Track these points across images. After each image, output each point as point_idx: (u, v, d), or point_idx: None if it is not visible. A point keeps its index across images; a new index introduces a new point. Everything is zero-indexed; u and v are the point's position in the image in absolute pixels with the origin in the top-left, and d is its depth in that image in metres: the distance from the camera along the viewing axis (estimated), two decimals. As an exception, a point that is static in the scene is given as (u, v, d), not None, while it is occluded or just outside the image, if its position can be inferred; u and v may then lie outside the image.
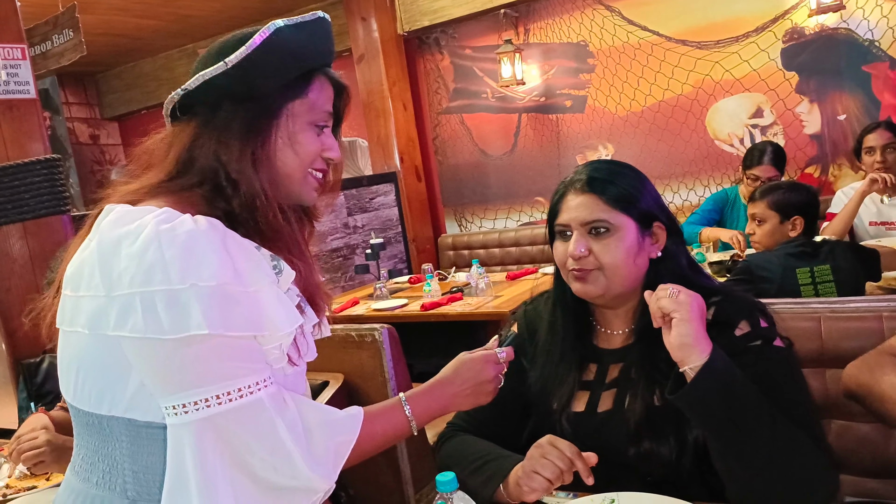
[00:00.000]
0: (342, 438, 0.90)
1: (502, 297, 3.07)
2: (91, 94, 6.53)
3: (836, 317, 1.39)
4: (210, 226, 0.81)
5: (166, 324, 0.76)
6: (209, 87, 0.88)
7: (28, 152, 2.62)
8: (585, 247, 1.13)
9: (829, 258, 2.11)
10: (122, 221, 0.81)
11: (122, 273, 0.77)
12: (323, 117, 0.94)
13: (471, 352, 1.10)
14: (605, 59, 4.30)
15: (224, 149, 0.88)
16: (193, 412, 0.78)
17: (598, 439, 1.12)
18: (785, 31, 3.76)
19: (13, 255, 2.60)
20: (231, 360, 0.80)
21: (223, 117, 0.89)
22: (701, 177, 4.14)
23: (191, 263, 0.77)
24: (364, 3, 4.66)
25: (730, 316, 1.10)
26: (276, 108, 0.90)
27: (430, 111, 5.03)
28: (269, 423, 0.81)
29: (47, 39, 3.41)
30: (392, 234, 4.68)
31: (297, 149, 0.91)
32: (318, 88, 0.93)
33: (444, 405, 1.05)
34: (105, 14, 4.63)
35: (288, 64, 0.89)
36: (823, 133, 3.78)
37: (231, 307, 0.78)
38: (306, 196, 0.95)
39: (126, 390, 0.82)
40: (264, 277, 0.83)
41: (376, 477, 2.01)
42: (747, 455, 0.98)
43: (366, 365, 2.00)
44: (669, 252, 1.16)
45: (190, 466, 0.78)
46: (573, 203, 1.15)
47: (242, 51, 0.86)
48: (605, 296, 1.15)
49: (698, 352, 0.98)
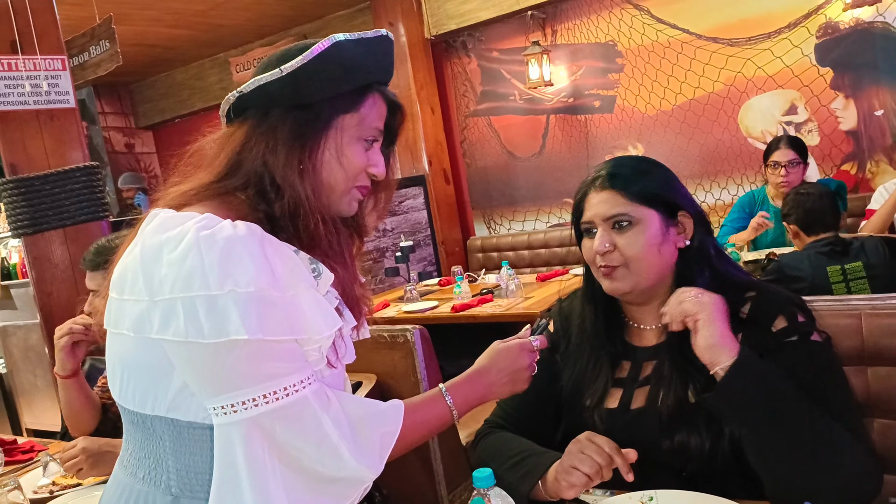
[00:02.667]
0: (386, 429, 0.91)
1: (533, 298, 3.06)
2: (126, 104, 6.68)
3: (878, 313, 1.36)
4: (249, 231, 0.82)
5: (206, 329, 0.77)
6: (263, 93, 0.89)
7: (68, 160, 2.70)
8: (609, 241, 1.13)
9: (860, 255, 2.08)
10: (164, 227, 0.83)
11: (163, 279, 0.79)
12: (372, 133, 0.95)
13: (504, 340, 1.11)
14: (634, 59, 4.27)
15: (272, 154, 0.89)
16: (242, 411, 0.79)
17: (630, 436, 1.11)
18: (819, 27, 3.69)
19: (54, 260, 2.67)
20: (273, 362, 0.81)
21: (274, 123, 0.90)
22: (734, 175, 4.08)
23: (229, 269, 0.78)
24: (391, 8, 4.70)
25: (766, 311, 1.09)
26: (327, 119, 0.90)
27: (457, 114, 5.04)
28: (315, 419, 0.82)
29: (85, 51, 3.51)
30: (421, 237, 4.70)
31: (344, 161, 0.92)
32: (370, 105, 0.94)
33: (483, 394, 1.05)
34: (139, 25, 4.74)
35: (342, 77, 0.90)
36: (860, 129, 3.70)
37: (269, 312, 0.79)
38: (345, 208, 0.95)
39: (168, 391, 0.84)
40: (302, 281, 0.84)
41: (410, 476, 2.02)
42: (785, 451, 0.96)
43: (398, 365, 2.01)
44: (698, 242, 1.16)
45: (241, 463, 0.79)
46: (595, 200, 1.17)
47: (299, 60, 0.87)
48: (634, 291, 1.15)
49: (727, 351, 0.98)
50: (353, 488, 0.87)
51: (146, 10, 4.48)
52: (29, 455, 1.90)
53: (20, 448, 1.96)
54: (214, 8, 4.63)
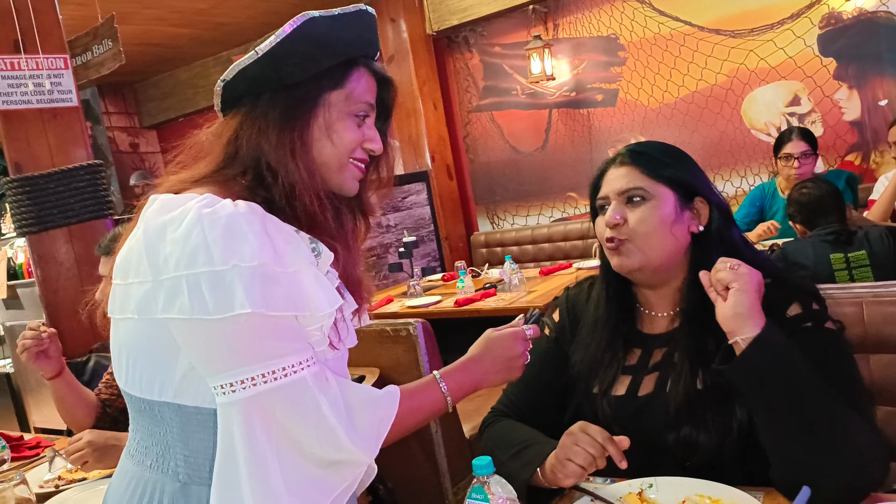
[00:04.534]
0: (382, 414, 0.92)
1: (536, 292, 3.06)
2: (130, 104, 6.70)
3: (880, 301, 1.36)
4: (250, 208, 0.83)
5: (211, 304, 0.78)
6: (247, 78, 0.90)
7: (72, 159, 2.71)
8: (621, 215, 1.13)
9: (864, 244, 2.07)
10: (166, 209, 0.84)
11: (167, 257, 0.80)
12: (362, 108, 0.95)
13: (498, 328, 1.11)
14: (637, 52, 4.26)
15: (264, 138, 0.90)
16: (241, 391, 0.80)
17: (637, 423, 1.11)
18: (822, 17, 3.67)
19: (59, 258, 2.69)
20: (274, 340, 0.82)
21: (263, 108, 0.91)
22: (738, 167, 4.07)
23: (232, 245, 0.79)
24: (393, 4, 4.70)
25: (782, 297, 1.09)
26: (314, 97, 0.91)
27: (460, 109, 5.04)
28: (313, 401, 0.83)
29: (88, 50, 3.51)
30: (425, 233, 4.70)
31: (335, 138, 0.93)
32: (356, 79, 0.94)
33: (477, 381, 1.06)
34: (142, 24, 4.75)
35: (321, 53, 0.91)
36: (864, 120, 3.68)
37: (272, 287, 0.80)
38: (347, 186, 0.96)
39: (175, 375, 0.85)
40: (303, 259, 0.85)
41: (414, 470, 2.03)
42: (798, 430, 0.95)
43: (401, 359, 2.01)
44: (715, 228, 1.15)
45: (239, 443, 0.80)
46: (612, 175, 1.17)
47: (273, 38, 0.89)
48: (643, 269, 1.14)
49: (752, 324, 0.97)
50: (350, 471, 0.87)
51: (149, 10, 4.49)
52: (35, 451, 1.92)
53: (27, 444, 1.98)
54: (216, 6, 4.64)
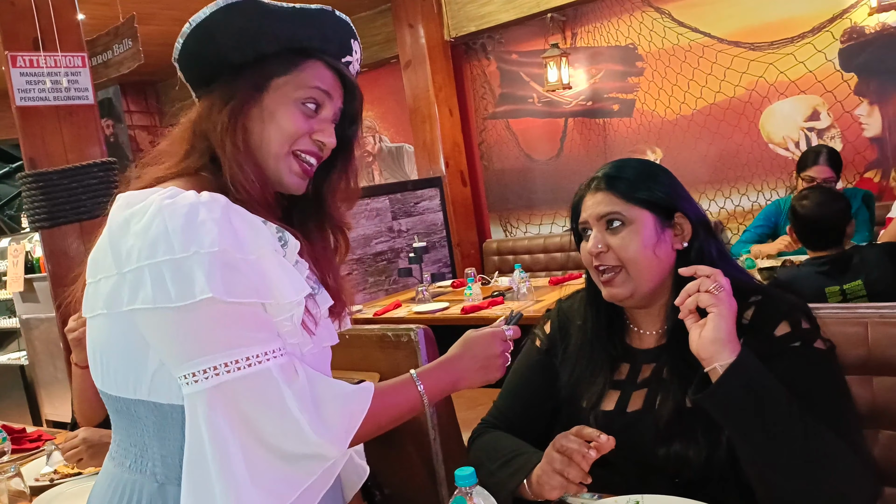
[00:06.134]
0: (354, 408, 0.90)
1: (544, 301, 3.04)
2: (151, 103, 6.79)
3: (885, 322, 1.33)
4: (212, 198, 0.83)
5: (173, 292, 0.78)
6: (191, 56, 0.92)
7: (86, 156, 2.75)
8: (602, 242, 1.13)
9: (861, 270, 1.97)
10: (128, 204, 0.85)
11: (129, 250, 0.80)
12: (311, 95, 0.93)
13: (477, 329, 1.10)
14: (655, 62, 4.23)
15: (210, 121, 0.91)
16: (203, 380, 0.79)
17: (626, 439, 1.10)
18: (843, 31, 3.62)
19: (70, 254, 2.72)
20: (237, 329, 0.81)
21: (214, 91, 0.93)
22: (754, 181, 4.02)
23: (192, 232, 0.79)
24: (411, 10, 4.71)
25: (770, 317, 1.07)
26: (257, 79, 0.92)
27: (476, 116, 5.04)
28: (277, 393, 0.82)
29: (108, 49, 3.56)
30: (436, 239, 4.70)
31: (275, 124, 0.91)
32: (308, 69, 0.94)
33: (455, 380, 1.05)
34: (163, 25, 4.80)
35: (259, 32, 0.91)
36: (884, 136, 3.62)
37: (233, 273, 0.80)
38: (286, 180, 0.94)
39: (147, 371, 0.85)
40: (266, 245, 0.85)
41: (411, 477, 2.02)
42: (777, 459, 0.94)
43: (401, 365, 2.00)
44: (697, 243, 1.14)
45: (205, 434, 0.80)
46: (590, 202, 1.17)
47: (206, 10, 0.89)
48: (634, 296, 1.14)
49: (729, 350, 0.96)
50: (318, 465, 0.86)
51: (170, 10, 4.55)
52: (36, 444, 1.93)
53: (28, 437, 2.00)
54: (237, 8, 4.68)
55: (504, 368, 1.10)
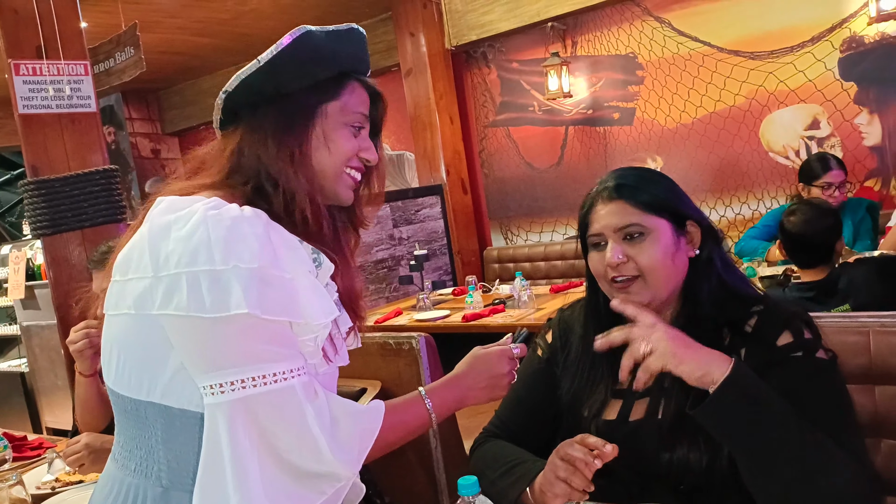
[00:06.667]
0: (366, 427, 0.92)
1: (544, 309, 3.04)
2: (153, 111, 6.81)
3: (886, 331, 1.33)
4: (255, 213, 0.85)
5: (208, 303, 0.79)
6: (248, 89, 0.94)
7: (88, 163, 2.75)
8: (622, 253, 1.11)
9: (848, 292, 1.91)
10: (172, 208, 0.86)
11: (169, 254, 0.81)
12: (357, 119, 0.99)
13: (485, 346, 1.11)
14: (655, 71, 4.25)
15: (263, 148, 0.93)
16: (229, 392, 0.80)
17: (628, 448, 1.09)
18: (843, 40, 3.64)
19: (72, 261, 2.72)
20: (267, 344, 0.82)
21: (262, 120, 0.94)
22: (755, 189, 4.03)
23: (234, 246, 0.81)
24: (413, 18, 4.74)
25: (772, 326, 1.07)
26: (311, 108, 0.95)
27: (476, 124, 5.05)
28: (299, 410, 0.83)
29: (110, 57, 3.58)
30: (437, 246, 4.70)
31: (332, 147, 0.95)
32: (350, 92, 0.98)
33: (461, 398, 1.07)
34: (166, 33, 4.83)
35: (316, 65, 0.94)
36: (884, 145, 3.63)
37: (269, 290, 0.81)
38: (342, 195, 0.99)
39: (164, 374, 0.85)
40: (302, 266, 0.87)
41: (413, 485, 2.01)
42: (775, 470, 0.94)
43: (403, 373, 2.00)
44: (706, 251, 1.14)
45: (224, 445, 0.80)
46: (603, 212, 1.14)
47: (272, 49, 0.93)
48: (652, 304, 1.12)
49: (715, 368, 0.96)
50: (329, 485, 0.87)
51: (172, 19, 4.57)
52: (37, 452, 1.93)
53: (29, 445, 1.99)
54: (238, 17, 4.70)
55: (508, 387, 1.11)
